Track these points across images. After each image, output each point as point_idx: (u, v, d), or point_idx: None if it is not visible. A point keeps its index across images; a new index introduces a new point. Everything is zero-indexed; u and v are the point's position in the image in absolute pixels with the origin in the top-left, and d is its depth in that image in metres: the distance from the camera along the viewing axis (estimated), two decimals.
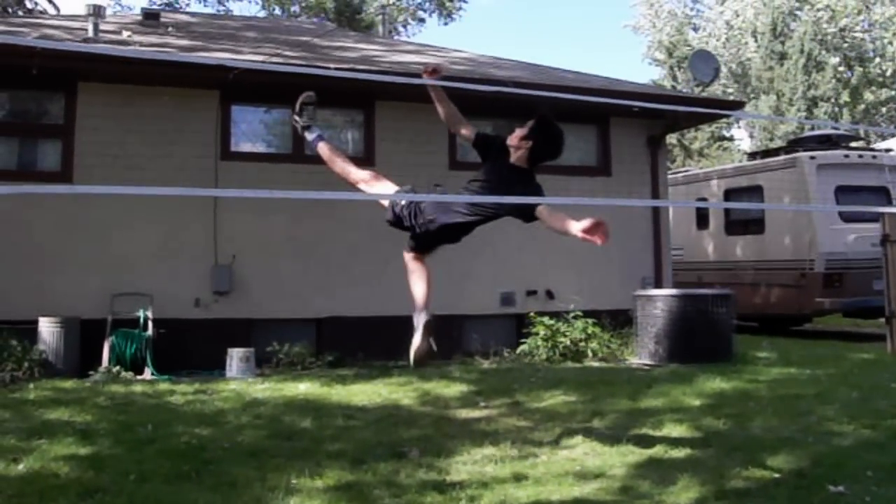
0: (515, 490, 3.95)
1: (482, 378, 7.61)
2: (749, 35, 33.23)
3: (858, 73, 31.46)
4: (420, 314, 4.53)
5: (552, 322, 9.10)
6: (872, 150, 13.78)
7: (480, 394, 6.70)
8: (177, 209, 8.66)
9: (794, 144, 13.79)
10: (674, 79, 31.95)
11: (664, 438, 5.00)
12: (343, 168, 4.71)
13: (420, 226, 4.41)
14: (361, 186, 4.62)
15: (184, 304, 8.60)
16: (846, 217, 11.76)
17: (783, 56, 30.20)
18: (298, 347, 8.49)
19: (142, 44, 9.31)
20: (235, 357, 7.93)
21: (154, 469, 4.23)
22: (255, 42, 11.05)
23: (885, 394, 6.52)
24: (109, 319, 8.04)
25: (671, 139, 23.62)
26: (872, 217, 10.62)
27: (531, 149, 4.28)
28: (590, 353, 9.03)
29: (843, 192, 11.84)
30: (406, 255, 4.66)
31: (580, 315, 9.21)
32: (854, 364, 8.56)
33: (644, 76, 40.52)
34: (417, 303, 4.59)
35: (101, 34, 9.15)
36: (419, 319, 4.51)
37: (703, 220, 14.14)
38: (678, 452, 4.65)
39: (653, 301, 8.90)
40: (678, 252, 12.94)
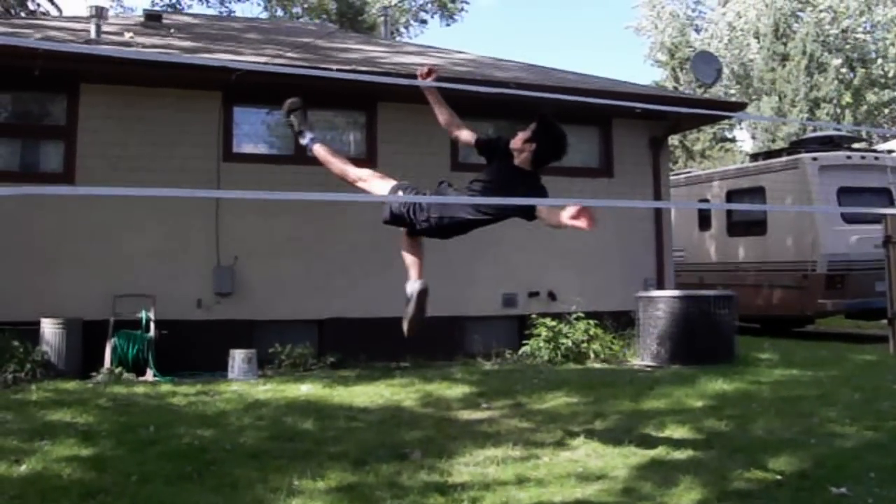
0: (517, 491, 3.95)
1: (484, 379, 7.61)
2: (751, 36, 33.20)
3: (861, 75, 31.43)
4: (414, 283, 4.54)
5: (554, 323, 9.10)
6: (875, 152, 13.77)
7: (482, 395, 6.70)
8: (179, 210, 8.68)
9: (797, 146, 13.77)
10: (676, 80, 31.92)
11: (666, 440, 5.00)
12: (340, 168, 4.71)
13: (420, 222, 4.41)
14: (360, 185, 4.62)
15: (186, 306, 8.61)
16: (848, 218, 11.74)
17: (785, 57, 30.16)
18: (300, 349, 8.49)
19: (144, 45, 9.32)
20: (237, 358, 7.93)
21: (156, 470, 4.24)
22: (258, 43, 11.06)
23: (888, 395, 6.52)
24: (111, 320, 8.05)
25: (673, 140, 23.58)
26: (875, 218, 10.62)
27: (535, 151, 4.27)
28: (592, 355, 9.04)
29: (846, 194, 11.83)
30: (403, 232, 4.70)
31: (582, 316, 9.21)
32: (856, 365, 8.56)
33: (646, 77, 40.56)
34: (411, 272, 4.61)
35: (104, 35, 9.16)
36: (413, 288, 4.52)
37: (706, 222, 14.12)
38: (680, 454, 4.65)
39: (655, 302, 8.89)
40: (680, 253, 12.93)
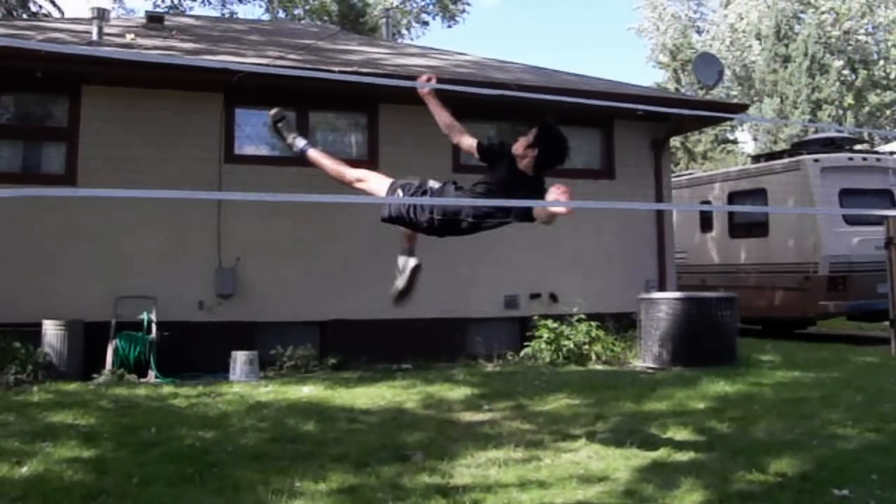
0: (519, 493, 3.95)
1: (486, 381, 7.61)
2: (753, 38, 33.23)
3: (862, 76, 31.42)
4: (410, 260, 4.57)
5: (556, 325, 9.10)
6: (876, 153, 13.76)
7: (484, 397, 6.70)
8: (180, 212, 8.69)
9: (798, 147, 13.76)
10: (677, 81, 31.94)
11: (668, 442, 5.00)
12: (336, 170, 4.73)
13: (421, 223, 4.42)
14: (359, 186, 4.63)
15: (187, 307, 8.61)
16: (850, 220, 11.74)
17: (787, 59, 30.17)
18: (302, 350, 8.49)
19: (146, 47, 9.33)
20: (239, 360, 7.93)
21: (157, 472, 4.23)
22: (259, 45, 11.07)
23: (890, 397, 6.51)
24: (113, 322, 8.05)
25: (675, 142, 23.56)
26: (876, 220, 10.61)
27: (536, 156, 4.32)
28: (593, 357, 9.04)
29: (847, 195, 11.82)
30: None
31: (584, 318, 9.21)
32: (858, 367, 8.54)
33: (648, 79, 40.63)
34: (404, 245, 4.66)
35: (105, 37, 9.16)
36: (408, 263, 4.54)
37: (707, 223, 14.11)
38: (682, 456, 4.64)
39: (656, 304, 8.88)
40: (682, 255, 12.92)
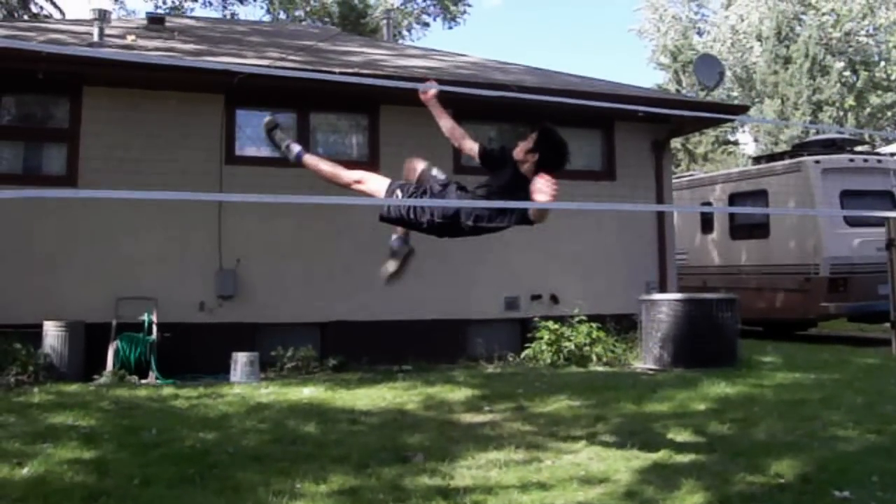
0: (520, 495, 3.94)
1: (487, 382, 7.61)
2: (754, 39, 33.21)
3: (863, 77, 31.39)
4: (403, 245, 4.64)
5: (556, 326, 9.10)
6: (877, 155, 13.76)
7: (485, 398, 6.70)
8: (181, 213, 8.69)
9: (799, 149, 13.77)
10: (678, 83, 31.95)
11: (669, 443, 5.00)
12: (333, 174, 4.74)
13: (420, 223, 4.44)
14: (357, 188, 4.64)
15: (188, 308, 8.62)
16: (851, 221, 11.74)
17: (788, 60, 30.15)
18: (303, 351, 8.49)
19: (146, 48, 9.34)
20: (240, 361, 7.93)
21: (158, 473, 4.23)
22: (260, 46, 11.08)
23: (891, 398, 6.50)
24: (114, 323, 8.06)
25: (676, 143, 23.57)
26: (877, 221, 10.61)
27: (537, 161, 4.34)
28: (594, 358, 9.03)
29: (848, 197, 11.82)
30: None
31: (584, 319, 9.21)
32: (859, 369, 8.53)
33: (649, 80, 40.62)
34: (399, 230, 4.74)
35: (106, 39, 9.17)
36: (401, 249, 4.61)
37: (708, 225, 14.11)
38: (683, 457, 4.64)
39: (657, 305, 8.88)
40: (683, 256, 12.93)
